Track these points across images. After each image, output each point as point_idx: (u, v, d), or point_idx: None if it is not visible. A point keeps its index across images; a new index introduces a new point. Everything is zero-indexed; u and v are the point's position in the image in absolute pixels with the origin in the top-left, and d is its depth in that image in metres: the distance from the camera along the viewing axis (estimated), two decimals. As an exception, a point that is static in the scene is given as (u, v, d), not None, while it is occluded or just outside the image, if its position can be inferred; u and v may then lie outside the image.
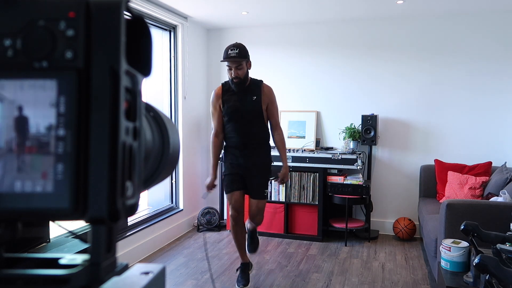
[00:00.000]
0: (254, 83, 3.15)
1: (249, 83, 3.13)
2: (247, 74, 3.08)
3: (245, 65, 3.03)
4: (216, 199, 5.12)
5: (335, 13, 4.51)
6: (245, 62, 3.03)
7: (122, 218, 0.34)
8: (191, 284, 3.41)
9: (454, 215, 2.84)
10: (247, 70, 3.07)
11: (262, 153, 3.23)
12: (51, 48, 0.33)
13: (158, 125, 0.44)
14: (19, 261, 0.38)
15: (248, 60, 3.07)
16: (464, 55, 4.48)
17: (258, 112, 3.11)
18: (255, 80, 3.17)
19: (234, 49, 2.98)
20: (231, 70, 3.02)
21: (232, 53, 2.97)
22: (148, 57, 0.39)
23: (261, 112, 3.13)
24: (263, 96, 3.11)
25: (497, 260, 1.59)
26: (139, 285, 0.37)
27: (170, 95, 4.67)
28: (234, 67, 3.00)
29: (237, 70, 3.00)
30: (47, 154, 0.33)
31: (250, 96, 3.10)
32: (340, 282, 3.45)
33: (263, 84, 3.17)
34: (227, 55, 2.99)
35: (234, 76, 3.02)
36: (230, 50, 2.99)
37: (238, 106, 3.09)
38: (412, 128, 4.69)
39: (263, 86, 3.16)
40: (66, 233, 2.01)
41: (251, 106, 3.09)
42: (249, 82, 3.13)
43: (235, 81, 3.04)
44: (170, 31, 4.63)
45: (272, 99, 3.18)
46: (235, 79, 3.03)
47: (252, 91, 3.11)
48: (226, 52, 3.01)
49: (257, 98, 3.10)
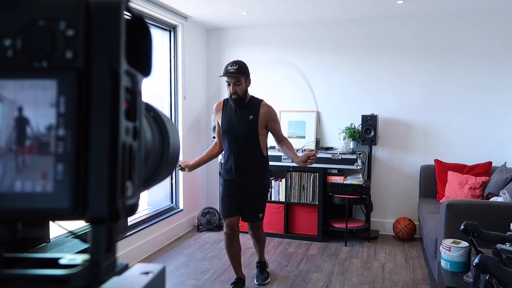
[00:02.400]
0: (253, 102, 3.11)
1: (248, 101, 3.10)
2: (246, 91, 3.06)
3: (244, 81, 3.02)
4: (216, 199, 5.12)
5: (335, 13, 4.51)
6: (244, 79, 3.02)
7: (122, 218, 0.34)
8: (191, 284, 3.41)
9: (454, 215, 2.84)
10: (246, 88, 3.06)
11: (256, 175, 3.14)
12: (51, 48, 0.33)
13: (158, 125, 0.44)
14: (19, 261, 0.38)
15: (248, 78, 3.06)
16: (464, 55, 4.48)
17: (253, 133, 3.07)
18: (255, 99, 3.13)
19: (233, 65, 2.99)
20: (229, 85, 3.02)
21: (231, 69, 2.98)
22: (148, 57, 0.39)
23: (256, 133, 3.07)
24: (260, 116, 3.07)
25: (497, 260, 1.59)
26: (139, 285, 0.37)
27: (170, 95, 4.67)
28: (232, 83, 2.99)
29: (235, 86, 2.99)
30: (47, 154, 0.33)
31: (247, 115, 3.06)
32: (340, 282, 3.45)
33: (262, 104, 3.12)
34: (226, 70, 3.01)
35: (233, 92, 3.01)
36: (229, 66, 3.00)
37: (233, 125, 3.08)
38: (412, 128, 4.69)
39: (262, 105, 3.11)
40: (66, 233, 2.01)
41: (247, 126, 3.05)
42: (248, 100, 3.10)
43: (233, 97, 3.03)
44: (170, 31, 4.63)
45: (273, 117, 3.12)
46: (233, 95, 3.02)
47: (250, 110, 3.07)
48: (226, 68, 3.02)
49: (254, 118, 3.06)
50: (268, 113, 3.10)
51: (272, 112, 3.14)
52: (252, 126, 3.06)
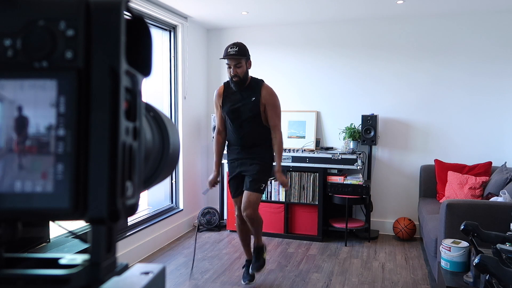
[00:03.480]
0: (254, 83, 3.12)
1: (249, 83, 3.11)
2: (246, 73, 3.06)
3: (245, 63, 3.03)
4: (216, 199, 5.12)
5: (335, 13, 4.51)
6: (245, 61, 3.02)
7: (122, 218, 0.34)
8: (191, 284, 3.41)
9: (454, 215, 2.84)
10: (247, 69, 3.06)
11: (262, 152, 3.18)
12: (51, 48, 0.33)
13: (158, 125, 0.44)
14: (19, 261, 0.38)
15: (248, 59, 3.06)
16: (464, 55, 4.48)
17: (256, 114, 3.08)
18: (256, 80, 3.14)
19: (234, 47, 2.99)
20: (230, 68, 3.02)
21: (232, 51, 2.98)
22: (148, 57, 0.39)
23: (259, 114, 3.09)
24: (262, 98, 3.07)
25: (497, 260, 1.59)
26: (139, 285, 0.37)
27: (170, 95, 4.67)
28: (233, 65, 3.00)
29: (236, 69, 3.00)
30: (47, 154, 0.33)
31: (250, 96, 3.08)
32: (340, 282, 3.45)
33: (264, 85, 3.12)
34: (226, 53, 3.01)
35: (233, 75, 3.01)
36: (230, 48, 3.00)
37: (237, 107, 3.09)
38: (412, 128, 4.69)
39: (263, 87, 3.11)
40: (66, 233, 2.01)
41: (250, 107, 3.07)
42: (249, 82, 3.11)
43: (234, 80, 3.03)
44: (170, 31, 4.63)
45: (271, 101, 3.10)
46: (234, 77, 3.02)
47: (251, 91, 3.09)
48: (226, 50, 3.02)
49: (256, 99, 3.07)
50: (268, 95, 3.10)
51: (273, 95, 3.12)
52: (255, 108, 3.08)
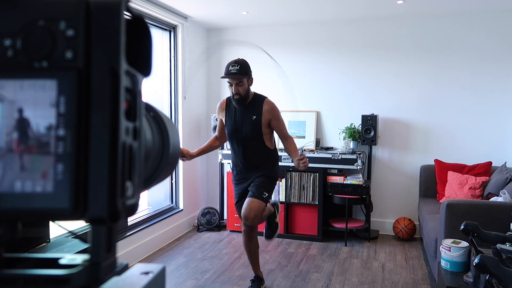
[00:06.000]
0: (256, 100, 3.07)
1: (251, 100, 3.07)
2: (248, 90, 3.03)
3: (246, 81, 2.99)
4: (216, 199, 5.13)
5: (335, 13, 4.51)
6: (246, 79, 2.98)
7: (122, 218, 0.34)
8: (191, 284, 3.41)
9: (454, 215, 2.84)
10: (249, 87, 3.03)
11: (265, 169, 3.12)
12: (51, 48, 0.33)
13: (158, 125, 0.44)
14: (19, 261, 0.38)
15: (250, 77, 3.02)
16: (464, 55, 4.48)
17: (256, 133, 3.04)
18: (258, 96, 3.09)
19: (235, 66, 2.94)
20: (231, 86, 2.99)
21: (233, 69, 2.93)
22: (148, 57, 0.39)
23: (260, 133, 3.05)
24: (263, 115, 3.03)
25: (497, 260, 1.59)
26: (139, 285, 0.37)
27: (170, 95, 4.67)
28: (234, 84, 2.96)
29: (237, 87, 2.96)
30: (47, 154, 0.33)
31: (250, 115, 3.04)
32: (340, 282, 3.45)
33: (265, 101, 3.07)
34: (228, 71, 2.96)
35: (235, 93, 2.98)
36: (231, 66, 2.95)
37: (237, 127, 3.07)
38: (412, 128, 4.69)
39: (265, 103, 3.06)
40: (66, 233, 2.01)
41: (250, 127, 3.03)
42: (251, 98, 3.07)
43: (236, 98, 3.00)
44: (170, 31, 4.63)
45: (275, 115, 3.07)
46: (235, 95, 2.99)
47: (253, 109, 3.04)
48: (227, 68, 2.97)
49: (257, 117, 3.03)
50: (270, 111, 3.05)
51: (275, 109, 3.09)
52: (256, 127, 3.04)
